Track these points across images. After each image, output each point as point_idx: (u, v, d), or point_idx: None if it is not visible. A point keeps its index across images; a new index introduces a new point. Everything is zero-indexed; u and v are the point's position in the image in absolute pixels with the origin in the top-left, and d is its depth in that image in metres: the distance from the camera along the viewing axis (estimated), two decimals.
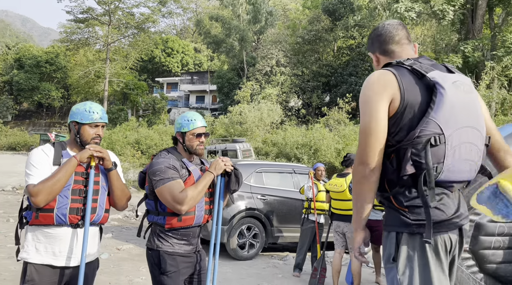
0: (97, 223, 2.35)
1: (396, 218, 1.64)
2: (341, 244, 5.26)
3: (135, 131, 29.03)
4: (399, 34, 1.82)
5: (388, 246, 1.66)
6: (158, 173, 2.36)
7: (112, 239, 7.64)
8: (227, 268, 6.18)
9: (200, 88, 44.41)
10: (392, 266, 1.62)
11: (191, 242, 2.51)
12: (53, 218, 2.16)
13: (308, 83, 28.69)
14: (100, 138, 2.35)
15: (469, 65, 20.27)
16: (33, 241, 2.21)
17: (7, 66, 49.22)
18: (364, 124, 1.66)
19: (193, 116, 2.57)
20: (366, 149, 1.64)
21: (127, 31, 39.73)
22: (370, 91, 1.65)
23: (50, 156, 2.24)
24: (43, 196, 2.09)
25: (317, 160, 17.11)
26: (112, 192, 2.36)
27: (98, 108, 2.33)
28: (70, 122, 2.34)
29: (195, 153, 2.55)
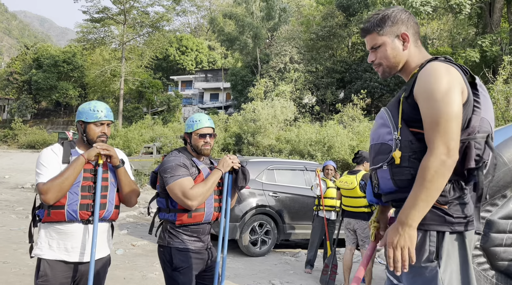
0: (108, 219, 2.40)
1: (436, 216, 1.60)
2: (352, 241, 5.26)
3: (150, 129, 29.36)
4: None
5: (424, 245, 1.60)
6: (169, 170, 2.45)
7: (128, 235, 7.79)
8: (239, 264, 6.25)
9: (214, 85, 44.60)
10: (429, 265, 1.59)
11: (202, 239, 2.57)
12: (64, 214, 2.23)
13: (322, 80, 28.51)
14: (106, 136, 2.39)
15: (486, 60, 19.87)
16: (46, 237, 2.27)
17: (26, 66, 50.21)
18: (447, 111, 1.52)
19: (199, 117, 2.64)
20: (453, 136, 1.51)
21: (142, 30, 40.10)
22: (443, 84, 1.55)
23: (59, 155, 2.30)
24: (53, 194, 2.16)
25: (330, 157, 17.05)
26: (120, 188, 2.42)
27: (102, 107, 2.38)
28: (77, 122, 2.41)
29: (200, 152, 2.62)
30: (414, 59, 1.76)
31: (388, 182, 1.70)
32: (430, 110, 1.56)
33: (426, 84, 1.59)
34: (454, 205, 1.60)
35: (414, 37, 1.76)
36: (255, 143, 20.69)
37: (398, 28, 1.74)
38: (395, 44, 1.74)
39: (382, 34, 1.75)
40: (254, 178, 7.02)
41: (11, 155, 31.16)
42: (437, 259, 1.58)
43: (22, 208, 10.15)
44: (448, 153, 1.51)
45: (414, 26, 1.76)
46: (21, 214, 9.32)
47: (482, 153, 1.59)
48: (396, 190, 1.69)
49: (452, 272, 1.58)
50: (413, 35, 1.75)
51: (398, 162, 1.64)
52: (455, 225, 1.59)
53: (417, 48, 1.77)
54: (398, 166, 1.65)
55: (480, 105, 1.62)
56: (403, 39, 1.74)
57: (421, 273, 1.60)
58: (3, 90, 51.30)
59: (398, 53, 1.75)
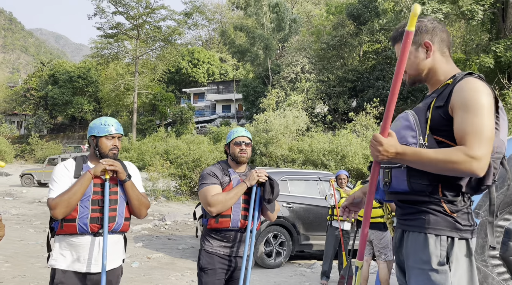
0: (118, 231, 2.47)
1: (446, 222, 1.67)
2: (368, 251, 5.20)
3: (164, 141, 29.64)
4: (451, 45, 1.85)
5: (436, 249, 1.66)
6: (201, 179, 2.73)
7: (143, 247, 7.83)
8: (254, 276, 6.21)
9: (226, 97, 44.89)
10: (441, 268, 1.64)
11: (231, 245, 2.71)
12: (76, 227, 2.32)
13: (334, 89, 28.48)
14: (118, 149, 2.48)
15: (501, 65, 19.62)
16: (60, 249, 2.38)
17: (42, 82, 51.31)
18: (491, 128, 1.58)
19: (236, 128, 2.90)
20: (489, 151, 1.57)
21: (155, 44, 40.73)
22: (482, 99, 1.59)
23: (71, 170, 2.40)
24: (61, 209, 2.25)
25: (344, 166, 16.93)
26: (129, 201, 2.49)
27: (112, 121, 2.49)
28: (89, 137, 2.50)
29: (237, 160, 2.78)
30: (440, 68, 1.79)
31: (402, 182, 1.72)
32: (468, 120, 1.58)
33: (467, 98, 1.61)
34: (462, 214, 1.69)
35: (440, 46, 1.79)
36: (267, 153, 20.68)
37: (422, 37, 1.78)
38: (418, 53, 1.79)
39: (400, 45, 1.77)
40: None
41: None
42: (447, 262, 1.64)
43: (40, 222, 10.29)
44: (480, 161, 1.53)
45: (441, 35, 1.79)
46: (38, 228, 9.45)
47: (498, 172, 1.67)
48: (409, 192, 1.72)
49: (461, 276, 1.65)
50: (439, 43, 1.78)
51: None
52: (463, 232, 1.67)
53: (443, 58, 1.80)
54: (418, 170, 1.66)
55: (499, 127, 1.67)
56: (426, 48, 1.78)
57: (433, 276, 1.65)
58: (21, 107, 52.45)
59: (421, 62, 1.79)
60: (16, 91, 54.81)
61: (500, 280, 3.61)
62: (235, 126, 2.93)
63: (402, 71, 1.59)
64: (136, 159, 28.70)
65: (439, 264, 1.64)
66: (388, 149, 1.61)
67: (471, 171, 1.54)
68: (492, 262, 3.60)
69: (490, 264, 3.60)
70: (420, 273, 1.68)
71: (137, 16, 37.87)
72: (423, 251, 1.68)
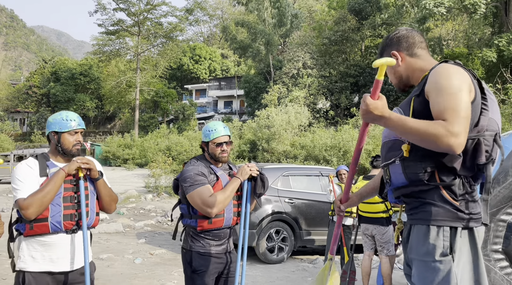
0: (89, 227, 2.42)
1: (449, 212, 1.68)
2: (370, 246, 5.21)
3: (166, 138, 29.64)
4: (424, 41, 1.96)
5: (438, 240, 1.68)
6: (188, 180, 2.54)
7: (146, 244, 7.86)
8: (257, 272, 6.23)
9: (228, 93, 44.85)
10: (444, 259, 1.65)
11: (223, 242, 2.67)
12: (48, 226, 2.23)
13: (336, 84, 28.40)
14: (80, 144, 2.41)
15: (504, 59, 19.52)
16: (28, 250, 2.27)
17: (44, 80, 51.37)
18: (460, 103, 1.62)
19: (214, 126, 2.69)
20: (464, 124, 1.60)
21: (156, 41, 40.67)
22: (454, 81, 1.66)
23: (35, 169, 2.29)
24: (34, 209, 2.16)
25: (346, 162, 16.92)
26: (101, 199, 2.45)
27: (74, 116, 2.41)
28: (49, 132, 2.39)
29: (218, 160, 2.69)
30: (415, 67, 1.92)
31: (400, 176, 1.79)
32: (445, 101, 1.64)
33: (438, 81, 1.69)
34: (466, 202, 1.70)
35: (409, 50, 1.93)
36: (269, 149, 20.69)
37: (389, 50, 1.97)
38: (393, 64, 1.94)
39: None
40: (270, 184, 7.01)
41: None
42: (451, 253, 1.66)
43: None
44: (457, 137, 1.57)
45: (406, 41, 1.93)
46: None
47: (491, 149, 1.70)
48: (407, 184, 1.77)
49: (464, 266, 1.66)
50: (406, 49, 1.93)
51: (407, 154, 1.74)
52: (466, 221, 1.68)
53: (415, 58, 1.92)
54: (409, 160, 1.74)
55: (488, 107, 1.73)
56: (395, 57, 1.93)
57: (436, 267, 1.67)
58: (23, 104, 52.58)
59: (396, 70, 1.96)
60: (18, 88, 54.92)
61: (503, 274, 3.60)
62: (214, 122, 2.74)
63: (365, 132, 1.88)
64: (139, 156, 28.74)
65: (441, 254, 1.66)
66: (373, 110, 1.66)
67: (448, 146, 1.58)
68: (495, 256, 3.59)
69: (493, 259, 3.59)
70: (423, 264, 1.70)
71: (138, 13, 37.81)
72: (426, 243, 1.70)
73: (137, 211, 12.28)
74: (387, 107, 1.70)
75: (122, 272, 5.75)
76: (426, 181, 1.71)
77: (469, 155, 1.68)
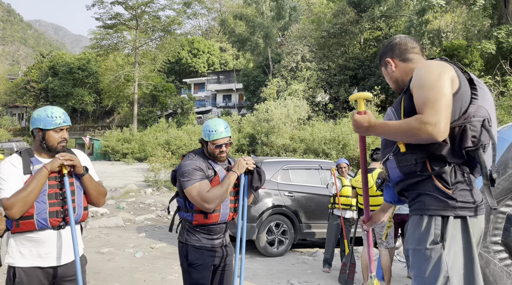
0: (78, 222, 2.41)
1: (440, 202, 1.74)
2: None
3: (165, 132, 29.64)
4: (417, 46, 2.05)
5: (430, 229, 1.75)
6: (186, 175, 2.53)
7: (146, 238, 7.88)
8: (257, 265, 6.26)
9: (227, 87, 44.77)
10: (435, 247, 1.72)
11: (218, 237, 2.67)
12: (34, 223, 2.22)
13: (335, 77, 28.33)
14: (66, 141, 2.37)
15: (503, 51, 19.47)
16: (17, 246, 2.26)
17: (42, 74, 51.20)
18: (438, 91, 1.71)
19: (216, 126, 2.65)
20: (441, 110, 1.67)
21: (154, 34, 40.52)
22: (434, 74, 1.76)
23: (18, 166, 2.26)
24: (18, 208, 2.13)
25: (345, 155, 16.93)
26: (88, 194, 2.42)
27: (59, 112, 2.34)
28: (34, 129, 2.34)
29: (216, 160, 2.69)
30: (407, 71, 2.01)
31: (395, 170, 1.91)
32: (422, 94, 1.75)
33: (419, 77, 1.81)
34: (459, 190, 1.75)
35: (402, 56, 2.04)
36: (269, 143, 20.69)
37: (384, 58, 2.11)
38: (388, 71, 2.10)
39: (381, 67, 2.16)
40: (269, 178, 7.03)
41: None
42: (441, 241, 1.72)
43: None
44: (434, 126, 1.65)
45: (399, 48, 2.05)
46: None
47: (479, 135, 1.74)
48: (403, 178, 1.87)
49: (456, 254, 1.72)
50: (399, 55, 2.05)
51: (404, 149, 1.84)
52: (458, 209, 1.74)
53: (407, 63, 2.03)
54: (402, 154, 1.85)
55: (477, 96, 1.81)
56: (390, 64, 2.07)
57: (427, 255, 1.74)
58: (21, 99, 52.44)
59: (392, 75, 2.08)
60: (16, 83, 54.73)
61: (502, 266, 3.62)
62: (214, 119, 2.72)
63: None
64: (138, 150, 28.74)
65: (432, 242, 1.74)
66: (362, 123, 1.89)
67: (428, 135, 1.66)
68: (494, 248, 3.61)
69: (492, 250, 3.61)
70: (417, 253, 1.78)
71: (136, 6, 37.60)
72: (418, 232, 1.79)
73: (137, 205, 12.30)
74: (373, 117, 1.90)
75: (123, 266, 5.77)
76: (419, 172, 1.79)
77: (457, 141, 1.74)
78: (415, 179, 1.81)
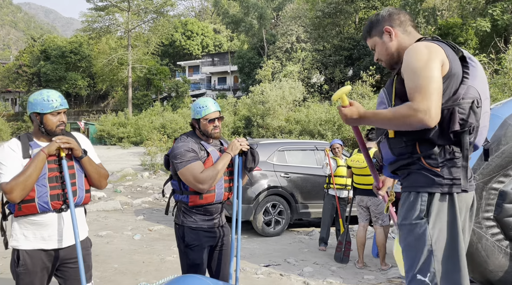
0: (80, 204, 2.43)
1: (427, 179, 1.79)
2: (365, 217, 5.31)
3: (160, 116, 29.50)
4: (412, 20, 2.02)
5: (416, 204, 1.81)
6: (179, 156, 2.54)
7: (144, 220, 7.95)
8: (255, 244, 6.35)
9: (222, 69, 44.40)
10: (420, 222, 1.78)
11: (214, 217, 2.70)
12: (36, 207, 2.24)
13: (330, 58, 28.15)
14: (64, 124, 2.37)
15: (498, 29, 19.40)
16: (20, 229, 2.30)
17: (34, 58, 50.45)
18: (426, 76, 1.70)
19: (205, 102, 2.68)
20: (432, 96, 1.67)
21: (147, 16, 39.83)
22: (423, 58, 1.74)
23: (17, 151, 2.27)
24: (17, 192, 2.16)
25: (341, 135, 17.00)
26: (89, 176, 2.43)
27: (56, 96, 2.33)
28: (31, 113, 2.34)
29: (211, 136, 2.69)
30: (405, 44, 1.95)
31: (387, 152, 1.94)
32: (412, 80, 1.74)
33: (408, 62, 1.79)
34: (447, 168, 1.78)
35: (401, 27, 1.97)
36: (264, 125, 20.69)
37: (382, 25, 1.99)
38: (384, 40, 1.99)
39: (373, 36, 2.03)
40: (265, 159, 7.07)
41: None
42: (426, 216, 1.78)
43: None
44: (425, 113, 1.65)
45: (398, 18, 1.97)
46: None
47: (467, 117, 1.74)
48: (395, 159, 1.91)
49: (441, 229, 1.77)
50: (399, 25, 1.97)
51: (392, 135, 1.88)
52: (445, 186, 1.78)
53: (405, 35, 1.97)
54: (394, 138, 1.88)
55: (469, 75, 1.80)
56: (388, 33, 1.97)
57: (412, 229, 1.81)
58: (14, 83, 51.81)
59: (388, 46, 1.98)
60: (8, 68, 53.98)
61: (494, 241, 3.70)
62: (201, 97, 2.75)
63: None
64: (134, 134, 28.66)
65: (417, 217, 1.79)
66: (351, 116, 1.90)
67: (419, 122, 1.67)
68: (486, 224, 3.69)
69: (484, 226, 3.68)
70: (404, 227, 1.84)
71: None
72: (405, 207, 1.86)
73: (134, 189, 12.35)
74: (362, 108, 1.89)
75: (122, 248, 5.84)
76: (410, 153, 1.83)
77: (445, 124, 1.75)
78: (406, 160, 1.85)
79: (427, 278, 1.75)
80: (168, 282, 1.91)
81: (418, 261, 1.78)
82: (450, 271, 1.75)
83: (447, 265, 1.75)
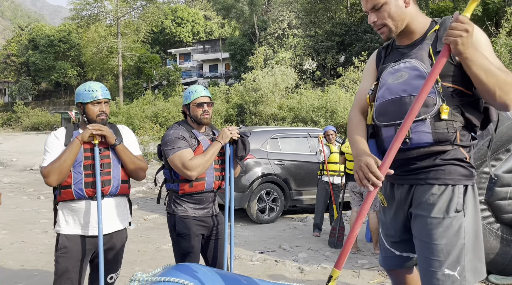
0: (116, 194, 2.46)
1: (466, 171, 1.71)
2: (358, 203, 5.35)
3: (152, 104, 29.30)
4: None
5: (454, 197, 1.69)
6: (169, 143, 2.56)
7: (138, 210, 7.95)
8: (249, 232, 6.39)
9: (213, 57, 44.05)
10: (457, 215, 1.69)
11: (206, 206, 2.69)
12: (72, 193, 2.35)
13: (322, 44, 28.03)
14: (106, 114, 2.45)
15: (489, 12, 19.41)
16: (62, 215, 2.42)
17: (22, 48, 49.64)
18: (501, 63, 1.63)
19: (194, 87, 2.73)
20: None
21: (136, 3, 39.24)
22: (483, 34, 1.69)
23: (61, 139, 2.40)
24: (53, 176, 2.28)
25: (334, 122, 17.03)
26: (124, 166, 2.48)
27: (97, 86, 2.44)
28: (76, 104, 2.48)
29: (200, 122, 2.68)
30: (418, 17, 1.76)
31: (425, 135, 1.68)
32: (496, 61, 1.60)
33: (486, 40, 1.68)
34: (471, 157, 1.73)
35: None
36: (257, 112, 20.65)
37: None
38: (398, 2, 1.70)
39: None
40: (259, 147, 7.07)
41: (17, 138, 31.32)
42: (462, 209, 1.70)
43: (33, 189, 10.34)
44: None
45: None
46: (32, 195, 9.50)
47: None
48: (432, 143, 1.68)
49: (470, 220, 1.72)
50: None
51: (446, 115, 1.64)
52: (474, 178, 1.74)
53: (416, 6, 1.77)
54: (442, 120, 1.65)
55: None
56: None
57: (449, 223, 1.69)
58: (2, 73, 51.04)
59: (402, 11, 1.71)
60: None
61: (485, 224, 3.76)
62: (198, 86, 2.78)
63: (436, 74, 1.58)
64: (125, 123, 28.44)
65: (455, 211, 1.69)
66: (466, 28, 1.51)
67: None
68: None
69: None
70: (436, 221, 1.70)
71: None
72: (441, 201, 1.70)
73: None
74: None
75: None
76: (451, 142, 1.67)
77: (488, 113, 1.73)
78: (443, 147, 1.68)
79: (456, 272, 1.67)
80: (163, 271, 1.91)
81: (450, 255, 1.68)
82: (474, 261, 1.72)
83: (473, 255, 1.71)
